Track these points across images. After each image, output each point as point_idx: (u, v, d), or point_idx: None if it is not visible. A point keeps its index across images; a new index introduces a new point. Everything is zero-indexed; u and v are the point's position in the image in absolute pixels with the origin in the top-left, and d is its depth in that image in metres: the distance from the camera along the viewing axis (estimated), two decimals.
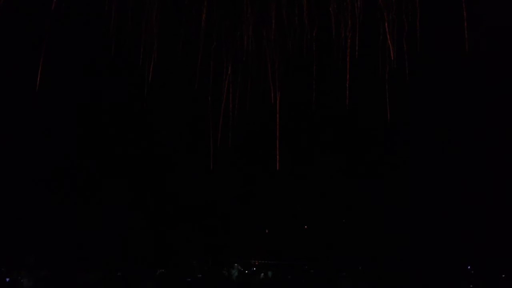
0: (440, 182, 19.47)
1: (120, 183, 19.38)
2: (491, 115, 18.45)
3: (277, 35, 13.48)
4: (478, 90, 18.05)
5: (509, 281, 17.16)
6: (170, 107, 17.98)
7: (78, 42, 16.04)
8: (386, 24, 13.13)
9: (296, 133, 18.92)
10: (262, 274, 19.35)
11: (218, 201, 20.46)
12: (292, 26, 13.53)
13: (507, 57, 17.10)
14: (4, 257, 17.49)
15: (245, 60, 13.95)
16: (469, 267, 19.59)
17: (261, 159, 19.91)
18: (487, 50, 16.55)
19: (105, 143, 18.61)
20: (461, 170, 18.71)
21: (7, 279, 16.01)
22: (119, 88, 17.59)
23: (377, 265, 19.43)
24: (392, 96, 13.88)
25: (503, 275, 17.92)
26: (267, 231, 21.62)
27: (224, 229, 21.09)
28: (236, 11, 13.63)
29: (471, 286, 17.71)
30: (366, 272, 19.30)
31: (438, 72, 17.62)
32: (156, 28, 13.63)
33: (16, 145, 17.86)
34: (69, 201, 19.18)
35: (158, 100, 17.18)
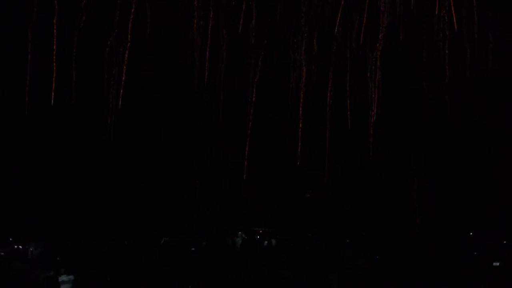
0: (442, 149, 19.50)
1: (122, 153, 19.55)
2: None
3: None
4: None
5: (510, 247, 17.32)
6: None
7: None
8: None
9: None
10: (266, 242, 19.57)
11: (222, 169, 20.61)
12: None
13: None
14: (12, 227, 17.79)
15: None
16: (471, 233, 19.76)
17: (264, 128, 19.99)
18: None
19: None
20: (462, 139, 18.75)
21: (15, 246, 16.32)
22: None
23: (380, 232, 19.60)
24: None
25: (504, 242, 18.08)
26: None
27: (228, 197, 21.27)
28: None
29: (475, 253, 17.84)
30: (369, 239, 19.48)
31: None
32: None
33: None
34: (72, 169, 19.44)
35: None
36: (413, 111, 19.40)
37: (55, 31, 15.11)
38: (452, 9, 14.40)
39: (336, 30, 15.03)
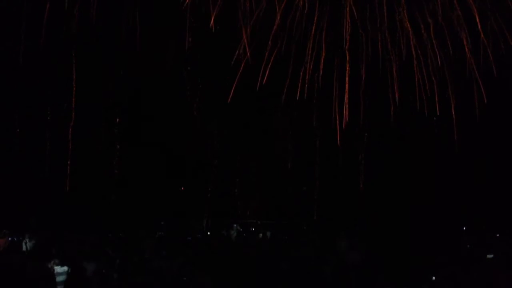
0: (436, 146, 19.59)
1: (118, 148, 19.54)
2: None
3: None
4: None
5: (503, 241, 17.40)
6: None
7: None
8: None
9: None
10: (261, 234, 19.61)
11: (217, 162, 20.64)
12: None
13: None
14: (6, 219, 17.73)
15: None
16: (464, 227, 19.88)
17: (260, 120, 20.04)
18: None
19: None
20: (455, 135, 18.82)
21: (9, 238, 16.26)
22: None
23: (374, 225, 19.68)
24: None
25: (498, 235, 18.18)
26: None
27: (223, 190, 21.30)
28: None
29: (468, 246, 17.94)
30: (363, 232, 19.54)
31: None
32: None
33: None
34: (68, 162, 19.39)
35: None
36: (406, 107, 19.45)
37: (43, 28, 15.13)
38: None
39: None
